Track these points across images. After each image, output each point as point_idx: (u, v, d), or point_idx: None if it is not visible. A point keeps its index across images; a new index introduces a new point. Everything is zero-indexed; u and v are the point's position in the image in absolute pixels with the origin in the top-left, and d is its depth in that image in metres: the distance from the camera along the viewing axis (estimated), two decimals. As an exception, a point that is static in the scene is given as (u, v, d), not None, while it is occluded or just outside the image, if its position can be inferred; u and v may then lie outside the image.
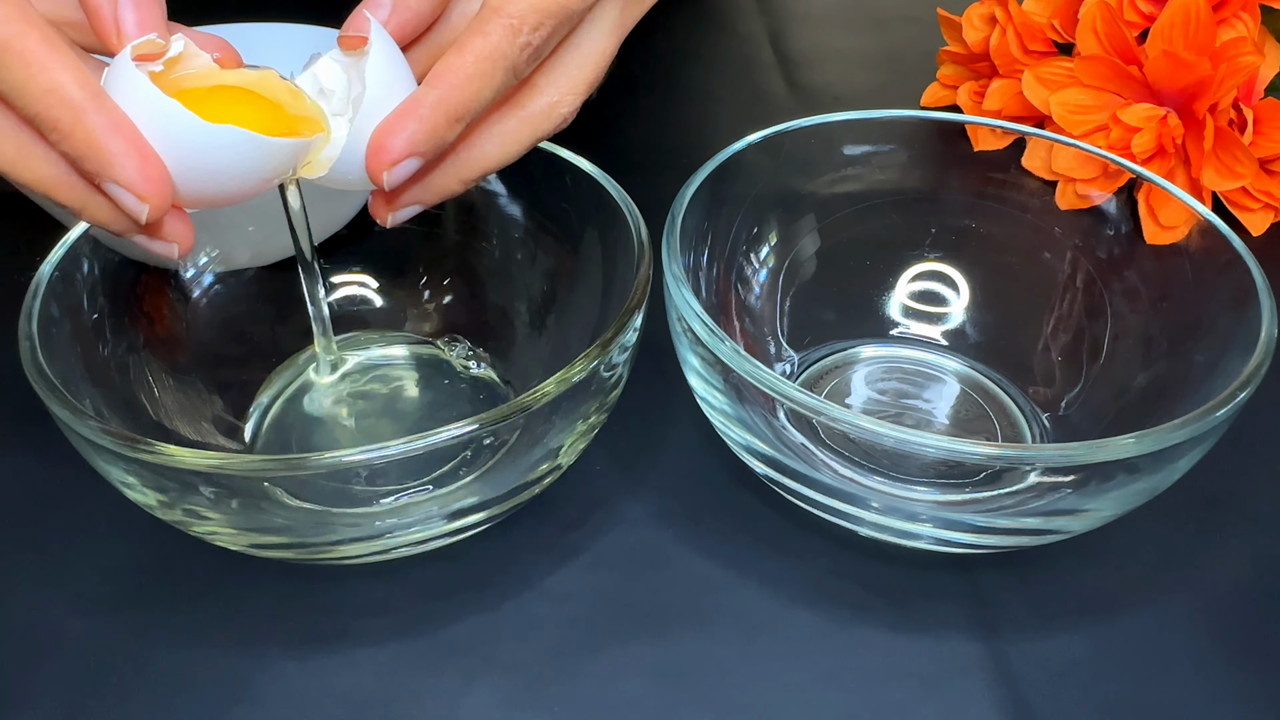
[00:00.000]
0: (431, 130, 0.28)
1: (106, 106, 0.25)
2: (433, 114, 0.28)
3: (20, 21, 0.24)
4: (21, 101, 0.24)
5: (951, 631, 0.33)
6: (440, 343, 0.42)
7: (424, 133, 0.28)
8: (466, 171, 0.30)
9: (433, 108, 0.28)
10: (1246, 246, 0.34)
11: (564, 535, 0.36)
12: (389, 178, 0.28)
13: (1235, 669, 0.32)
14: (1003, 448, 0.29)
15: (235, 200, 0.29)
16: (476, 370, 0.41)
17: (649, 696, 0.31)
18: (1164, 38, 0.47)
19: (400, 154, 0.28)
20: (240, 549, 0.32)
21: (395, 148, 0.28)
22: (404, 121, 0.28)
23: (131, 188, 0.25)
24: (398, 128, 0.28)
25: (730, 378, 0.32)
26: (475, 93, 0.28)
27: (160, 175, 0.25)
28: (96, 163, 0.25)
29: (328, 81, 0.30)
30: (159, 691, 0.31)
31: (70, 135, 0.24)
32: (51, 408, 0.29)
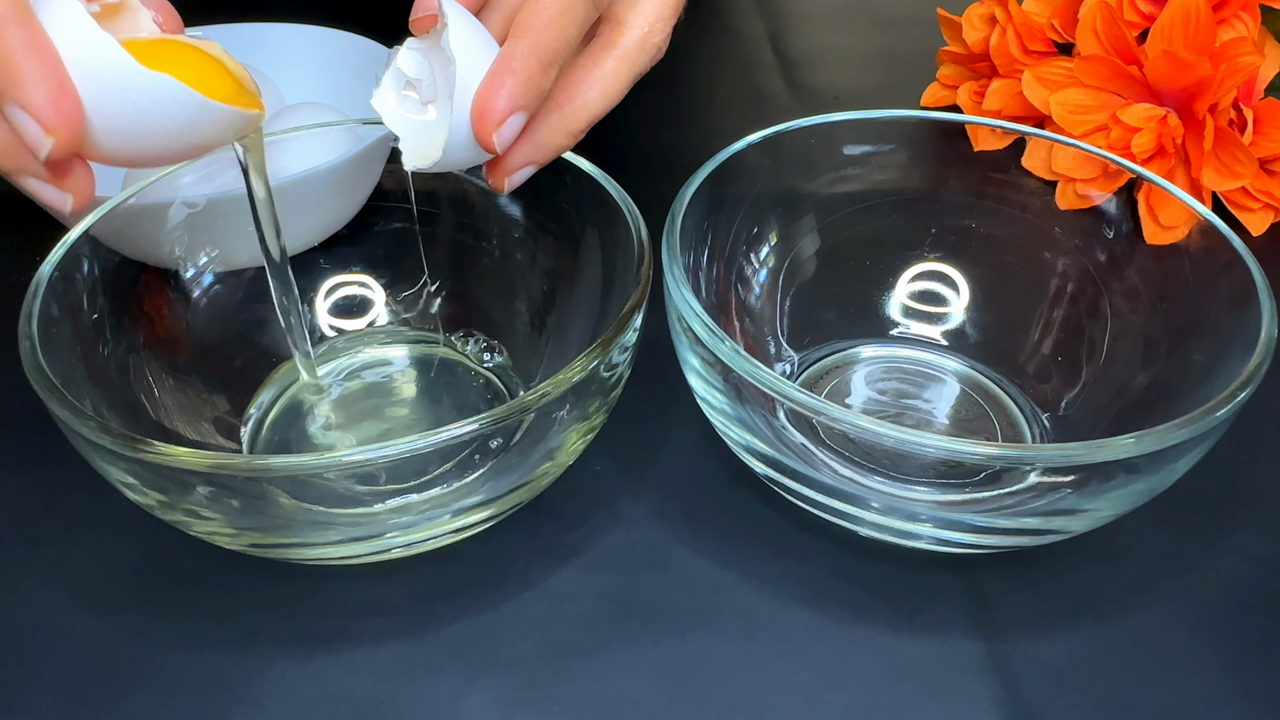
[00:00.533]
0: (528, 80, 0.28)
1: (30, 24, 0.22)
2: (525, 64, 0.27)
3: None
4: None
5: (951, 631, 0.33)
6: (455, 337, 0.42)
7: (521, 84, 0.28)
8: (574, 122, 0.30)
9: (524, 58, 0.27)
10: (1246, 246, 0.34)
11: (564, 535, 0.36)
12: (499, 138, 0.28)
13: (1235, 669, 0.32)
14: (1003, 448, 0.29)
15: (152, 161, 0.26)
16: (490, 363, 0.41)
17: (649, 696, 0.31)
18: (1164, 38, 0.47)
19: (504, 111, 0.28)
20: (240, 549, 0.32)
21: (499, 108, 0.28)
22: (500, 79, 0.28)
23: (38, 115, 0.23)
24: (496, 86, 0.28)
25: (730, 378, 0.32)
26: (560, 33, 0.28)
27: (74, 110, 0.23)
28: (4, 79, 0.22)
29: (412, 72, 0.30)
30: (159, 691, 0.31)
31: None
32: (51, 408, 0.29)
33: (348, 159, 0.41)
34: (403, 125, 0.31)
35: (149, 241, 0.38)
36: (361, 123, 0.43)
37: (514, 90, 0.28)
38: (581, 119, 0.30)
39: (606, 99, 0.30)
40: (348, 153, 0.41)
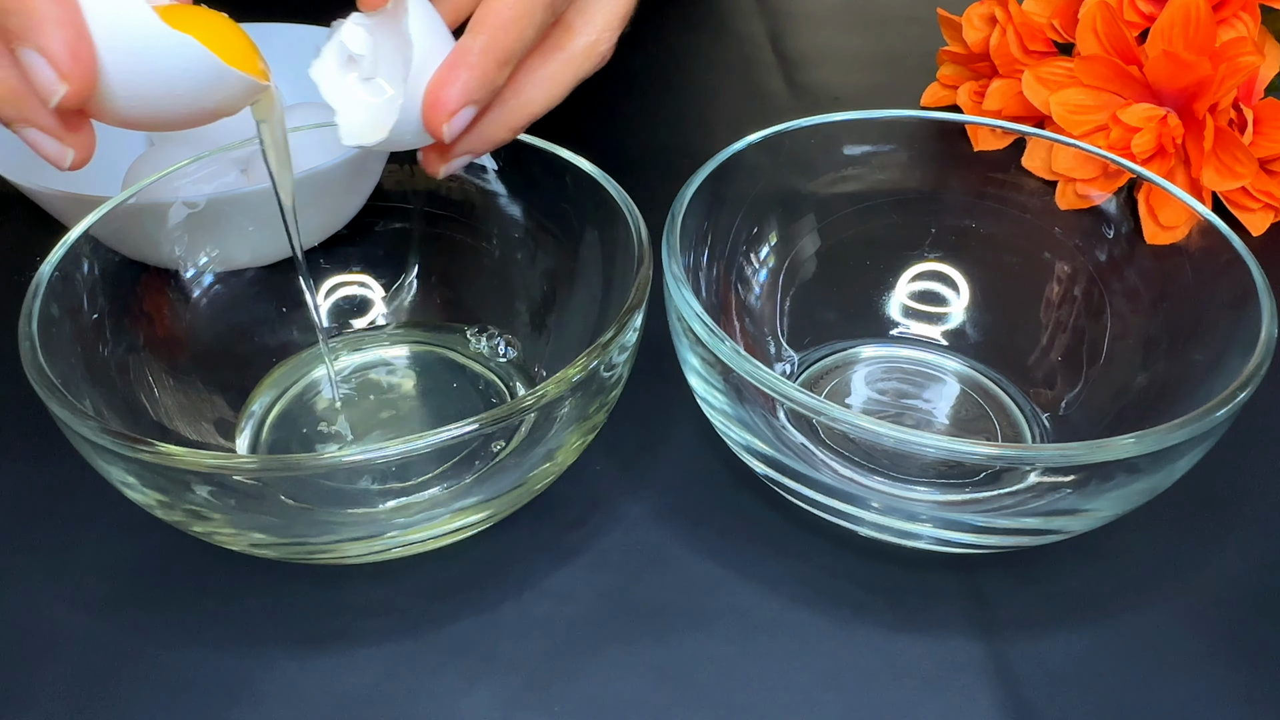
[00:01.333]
0: (483, 76, 0.28)
1: None
2: (481, 60, 0.28)
3: None
4: None
5: (951, 631, 0.33)
6: (470, 333, 0.42)
7: (476, 79, 0.28)
8: (515, 118, 0.31)
9: (481, 54, 0.28)
10: (1246, 246, 0.34)
11: (564, 535, 0.36)
12: (448, 129, 0.28)
13: (1235, 669, 0.32)
14: (1003, 448, 0.29)
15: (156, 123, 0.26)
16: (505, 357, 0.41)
17: (649, 696, 0.31)
18: (1164, 38, 0.47)
19: (457, 104, 0.28)
20: (240, 549, 0.32)
21: (451, 98, 0.28)
22: (456, 71, 0.28)
23: (54, 59, 0.22)
24: (451, 78, 0.28)
25: (730, 378, 0.32)
26: (519, 34, 0.28)
27: (90, 59, 0.22)
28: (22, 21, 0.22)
29: (355, 47, 0.30)
30: (159, 691, 0.31)
31: None
32: (51, 408, 0.29)
33: (348, 159, 0.41)
34: (341, 100, 0.31)
35: (149, 241, 0.38)
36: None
37: (469, 84, 0.28)
38: (524, 115, 0.31)
39: (549, 99, 0.31)
40: (348, 153, 0.41)
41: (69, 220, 0.42)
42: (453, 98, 0.28)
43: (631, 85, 0.62)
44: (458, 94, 0.28)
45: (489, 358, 0.41)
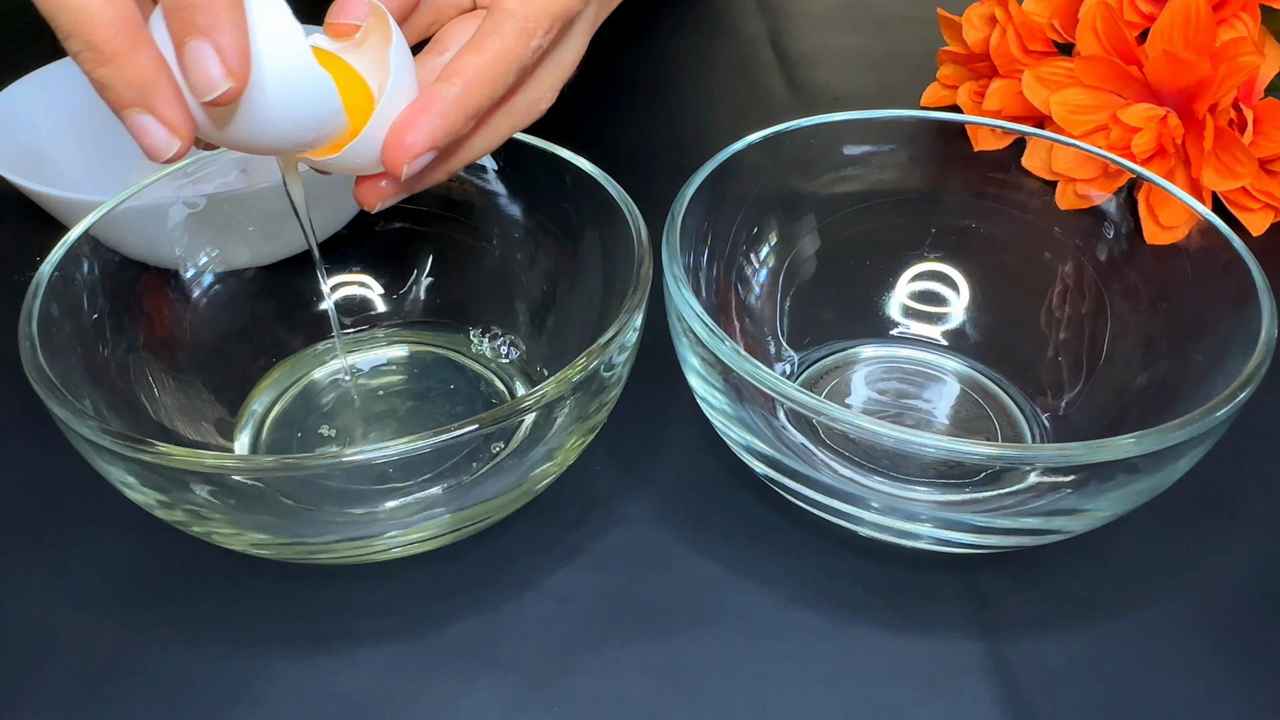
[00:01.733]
0: (451, 126, 0.29)
1: None
2: (453, 110, 0.28)
3: None
4: None
5: (951, 631, 0.33)
6: (474, 333, 0.42)
7: (444, 129, 0.28)
8: (455, 163, 0.31)
9: (453, 104, 0.28)
10: (1246, 246, 0.34)
11: (564, 535, 0.36)
12: (407, 170, 0.29)
13: (1235, 669, 0.32)
14: (1003, 448, 0.29)
15: (261, 145, 0.28)
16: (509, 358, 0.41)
17: (649, 696, 0.31)
18: (1164, 38, 0.47)
19: (422, 148, 0.28)
20: (240, 549, 0.32)
21: (417, 142, 0.28)
22: (426, 117, 0.28)
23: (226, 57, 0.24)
24: (420, 123, 0.28)
25: (730, 378, 0.32)
26: (490, 91, 0.29)
27: (249, 64, 0.25)
28: (209, 15, 0.24)
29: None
30: (159, 691, 0.31)
31: None
32: (51, 408, 0.29)
33: (348, 159, 0.41)
34: None
35: (149, 241, 0.38)
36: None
37: (436, 132, 0.28)
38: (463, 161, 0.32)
39: (488, 146, 0.32)
40: (348, 153, 0.41)
41: (69, 221, 0.42)
42: (419, 141, 0.28)
43: (631, 85, 0.62)
44: (424, 138, 0.28)
45: (490, 359, 0.41)
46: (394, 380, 0.41)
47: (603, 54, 0.60)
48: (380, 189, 0.31)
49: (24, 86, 0.49)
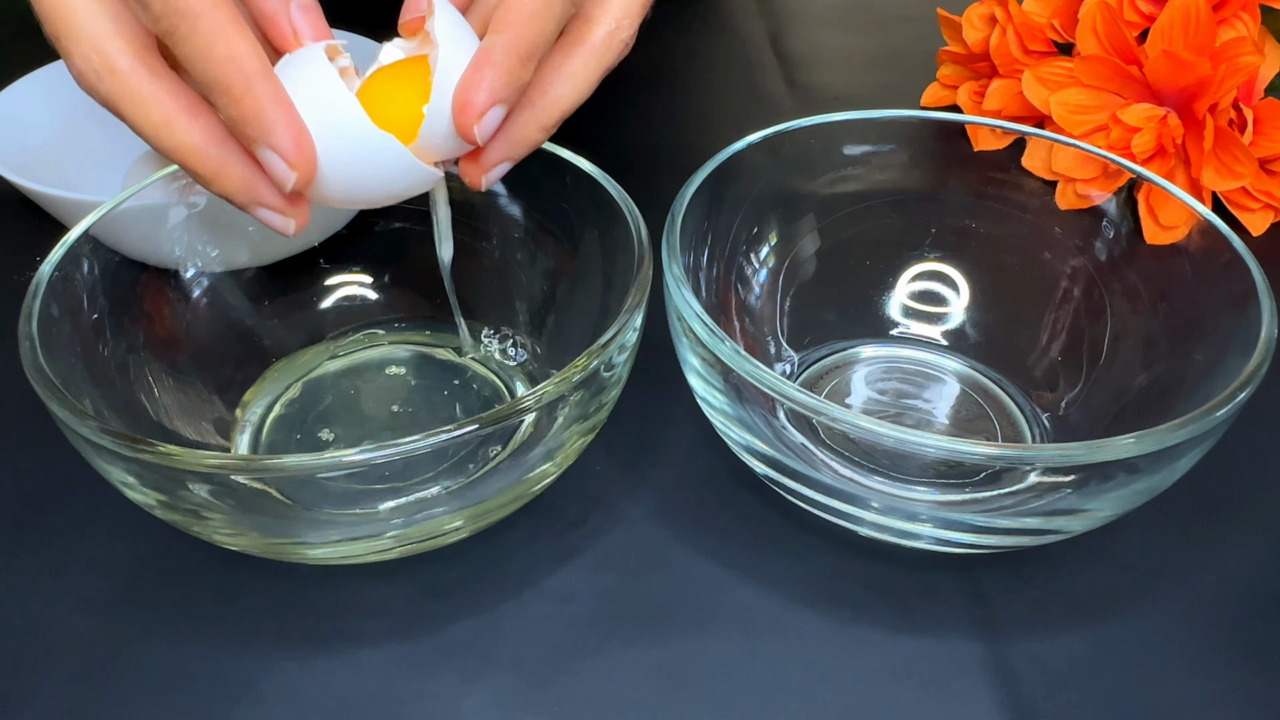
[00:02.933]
0: (508, 73, 0.28)
1: (274, 80, 0.27)
2: (505, 58, 0.28)
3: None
4: (202, 66, 0.26)
5: (951, 631, 0.33)
6: (484, 334, 0.42)
7: (502, 78, 0.28)
8: (546, 116, 0.31)
9: (504, 51, 0.28)
10: (1246, 246, 0.34)
11: (564, 535, 0.36)
12: (480, 131, 0.29)
13: (1235, 669, 0.32)
14: (1003, 448, 0.29)
15: (361, 203, 0.31)
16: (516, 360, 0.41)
17: (649, 696, 0.31)
18: (1164, 38, 0.47)
19: (485, 104, 0.28)
20: (240, 549, 0.32)
21: (479, 100, 0.28)
22: (481, 72, 0.28)
23: (286, 155, 0.27)
24: (477, 80, 0.28)
25: (730, 378, 0.32)
26: (540, 28, 0.29)
27: (310, 150, 0.27)
28: (259, 127, 0.26)
29: None
30: (159, 691, 0.31)
31: (240, 100, 0.26)
32: (51, 408, 0.29)
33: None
34: None
35: (149, 241, 0.38)
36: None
37: (495, 83, 0.28)
38: (554, 114, 0.31)
39: (577, 94, 0.31)
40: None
41: (69, 221, 0.42)
42: (480, 99, 0.28)
43: (631, 85, 0.62)
44: (485, 94, 0.28)
45: (496, 360, 0.41)
46: (394, 380, 0.41)
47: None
48: (480, 164, 0.31)
49: (24, 86, 0.49)
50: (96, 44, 0.26)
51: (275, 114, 0.27)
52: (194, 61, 0.26)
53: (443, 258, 0.37)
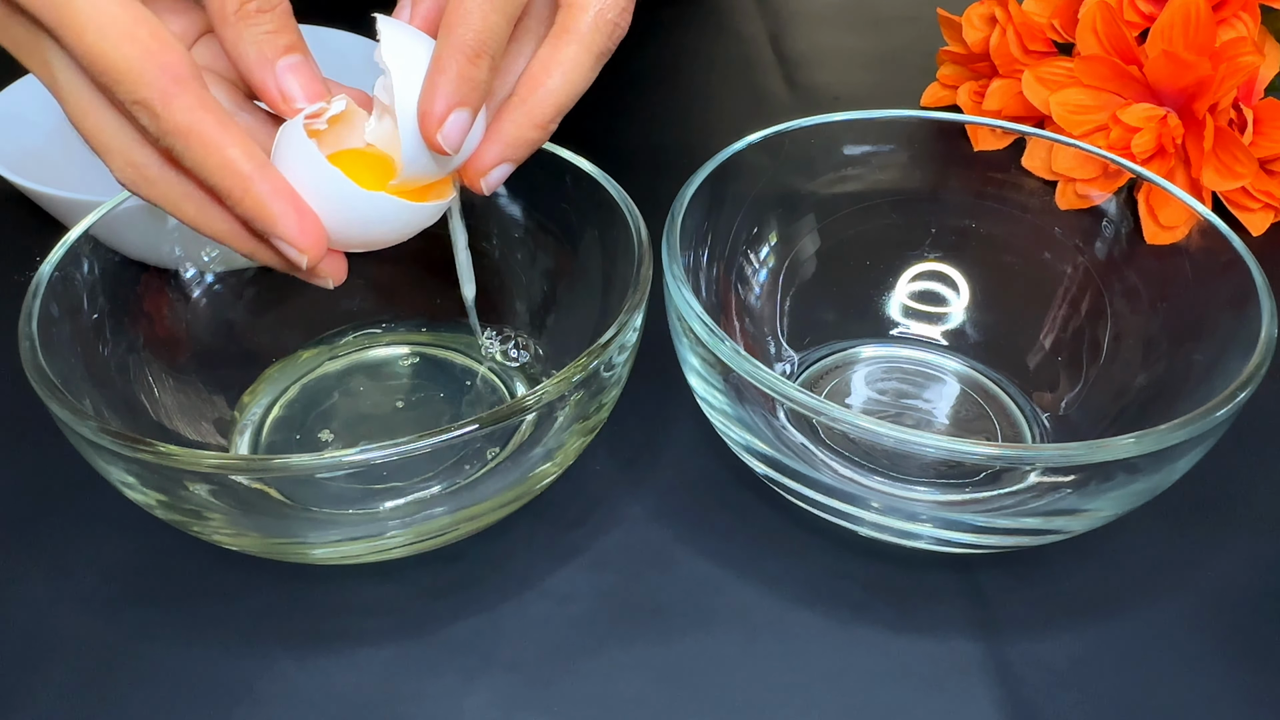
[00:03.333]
0: (459, 75, 0.28)
1: (270, 175, 0.28)
2: (453, 60, 0.28)
3: (199, 109, 0.27)
4: (202, 174, 0.27)
5: (951, 631, 0.33)
6: (486, 336, 0.42)
7: (453, 81, 0.28)
8: (539, 114, 0.30)
9: (451, 54, 0.28)
10: (1246, 246, 0.34)
11: (564, 535, 0.36)
12: (444, 139, 0.28)
13: (1235, 669, 0.32)
14: (1003, 448, 0.29)
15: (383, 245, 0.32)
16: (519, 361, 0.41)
17: (649, 696, 0.31)
18: (1164, 38, 0.47)
19: (443, 110, 0.28)
20: (240, 549, 0.32)
21: (437, 109, 0.28)
22: (433, 80, 0.28)
23: (293, 243, 0.29)
24: (429, 88, 0.28)
25: (730, 378, 0.32)
26: (482, 21, 0.28)
27: (316, 231, 0.29)
28: (263, 223, 0.28)
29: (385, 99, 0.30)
30: (159, 691, 0.31)
31: (241, 201, 0.28)
32: (51, 408, 0.29)
33: (348, 159, 0.41)
34: None
35: (149, 241, 0.38)
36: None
37: (446, 88, 0.28)
38: (547, 109, 0.30)
39: (570, 86, 0.30)
40: (348, 153, 0.41)
41: (69, 220, 0.42)
42: (437, 107, 0.28)
43: (631, 85, 0.62)
44: (440, 102, 0.28)
45: (500, 361, 0.41)
46: (394, 380, 0.41)
47: (603, 54, 0.60)
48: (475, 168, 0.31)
49: (24, 86, 0.49)
50: (128, 156, 0.28)
51: (274, 208, 0.28)
52: (197, 172, 0.28)
53: (466, 296, 0.38)
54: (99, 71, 0.26)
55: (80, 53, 0.26)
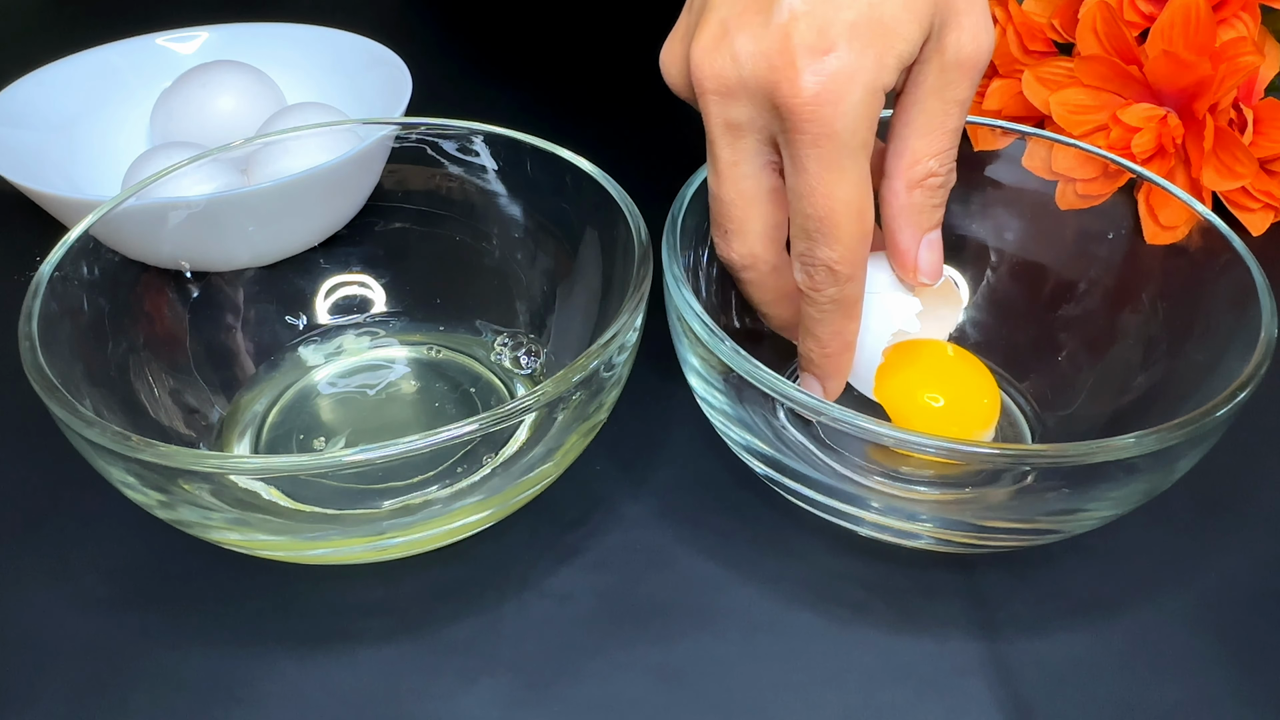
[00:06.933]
0: (915, 210, 0.33)
1: (850, 358, 0.34)
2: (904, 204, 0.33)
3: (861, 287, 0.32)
4: (817, 335, 0.33)
5: (951, 631, 0.33)
6: (498, 342, 0.42)
7: (912, 218, 0.33)
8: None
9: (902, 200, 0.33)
10: (1246, 246, 0.34)
11: (564, 535, 0.36)
12: (923, 264, 0.34)
13: (1235, 669, 0.32)
14: (1003, 448, 0.29)
15: None
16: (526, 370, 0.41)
17: (650, 696, 0.31)
18: (1164, 38, 0.47)
19: (912, 250, 0.34)
20: (240, 549, 0.32)
21: (910, 250, 0.34)
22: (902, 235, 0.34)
23: (824, 395, 0.35)
24: (897, 240, 0.34)
25: (730, 378, 0.32)
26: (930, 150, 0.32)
27: (838, 390, 0.35)
28: (822, 372, 0.34)
29: None
30: (159, 691, 0.31)
31: (822, 362, 0.34)
32: (51, 408, 0.29)
33: (348, 159, 0.41)
34: None
35: (149, 241, 0.38)
36: (361, 123, 0.43)
37: (913, 228, 0.33)
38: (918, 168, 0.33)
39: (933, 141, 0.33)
40: (348, 153, 0.41)
41: (69, 221, 0.42)
42: (911, 249, 0.34)
43: (632, 85, 0.62)
44: (908, 243, 0.34)
45: (509, 368, 0.41)
46: (393, 380, 0.41)
47: (603, 54, 0.60)
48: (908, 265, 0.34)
49: (24, 86, 0.49)
50: (754, 248, 0.33)
51: (835, 382, 0.35)
52: (816, 333, 0.33)
53: None
54: (823, 204, 0.30)
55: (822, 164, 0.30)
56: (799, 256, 0.32)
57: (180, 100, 0.50)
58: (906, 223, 0.33)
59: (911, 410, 0.35)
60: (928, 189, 0.32)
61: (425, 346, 0.42)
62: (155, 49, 0.53)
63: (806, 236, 0.31)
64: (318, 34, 0.54)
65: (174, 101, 0.50)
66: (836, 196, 0.30)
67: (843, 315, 0.32)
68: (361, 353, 0.42)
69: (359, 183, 0.43)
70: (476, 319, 0.42)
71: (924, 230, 0.33)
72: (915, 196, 0.32)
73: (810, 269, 0.31)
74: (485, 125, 0.40)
